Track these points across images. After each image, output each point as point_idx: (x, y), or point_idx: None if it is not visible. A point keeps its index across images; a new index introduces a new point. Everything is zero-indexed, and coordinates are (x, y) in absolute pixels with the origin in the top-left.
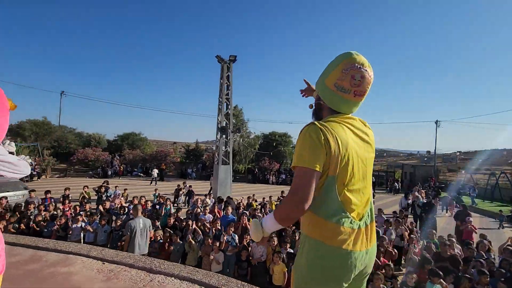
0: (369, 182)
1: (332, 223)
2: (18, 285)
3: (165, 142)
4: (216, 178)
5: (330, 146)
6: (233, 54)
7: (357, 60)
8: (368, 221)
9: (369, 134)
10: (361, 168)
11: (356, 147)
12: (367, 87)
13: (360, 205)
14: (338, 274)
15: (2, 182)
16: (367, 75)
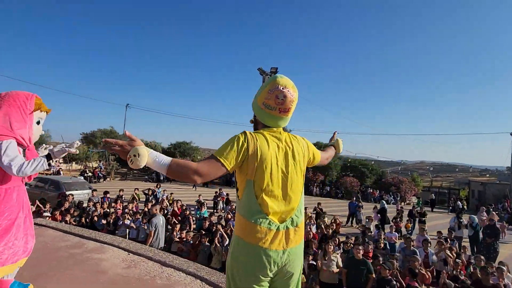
0: (295, 192)
1: (250, 222)
2: (60, 264)
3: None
4: None
5: (248, 153)
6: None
7: (280, 83)
8: (290, 226)
9: (296, 147)
10: (280, 177)
11: (276, 158)
12: (290, 105)
13: (280, 209)
14: (254, 268)
15: (73, 182)
16: (289, 95)
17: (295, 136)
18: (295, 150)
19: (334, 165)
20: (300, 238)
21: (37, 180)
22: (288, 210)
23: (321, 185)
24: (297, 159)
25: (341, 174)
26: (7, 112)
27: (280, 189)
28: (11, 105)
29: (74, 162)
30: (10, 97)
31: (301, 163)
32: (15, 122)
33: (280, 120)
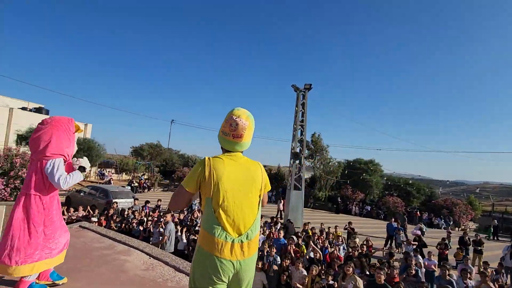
0: (250, 208)
1: (208, 233)
2: (92, 262)
3: None
4: (288, 203)
5: (205, 175)
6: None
7: (235, 113)
8: (245, 239)
9: (253, 169)
10: (236, 195)
11: (231, 178)
12: (242, 131)
13: (236, 223)
14: (210, 273)
15: (119, 191)
16: (241, 123)
17: (252, 161)
18: (252, 172)
19: (375, 183)
20: (253, 251)
21: (90, 188)
22: (243, 225)
23: (361, 204)
24: (253, 180)
25: (383, 193)
26: (57, 136)
27: (235, 205)
28: (58, 129)
29: (124, 173)
30: (57, 122)
31: (256, 184)
32: (64, 142)
33: (235, 145)
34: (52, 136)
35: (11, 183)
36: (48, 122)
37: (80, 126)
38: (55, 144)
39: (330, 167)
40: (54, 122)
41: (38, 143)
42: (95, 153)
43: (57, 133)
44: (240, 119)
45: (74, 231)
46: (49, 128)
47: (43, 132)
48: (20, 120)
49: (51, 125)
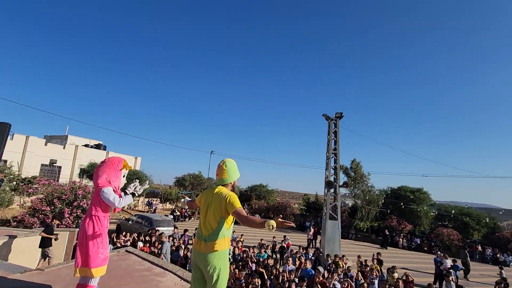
0: (209, 221)
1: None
2: (133, 281)
3: (296, 193)
4: (324, 234)
5: (200, 198)
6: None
7: (220, 163)
8: (203, 240)
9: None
10: (203, 212)
11: (204, 201)
12: (217, 172)
13: (201, 229)
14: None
15: (162, 219)
16: (218, 167)
17: (223, 191)
18: (216, 198)
19: (424, 212)
20: (206, 249)
21: (137, 216)
22: (204, 230)
23: (409, 236)
24: (213, 203)
25: (435, 224)
26: (108, 172)
27: (202, 218)
28: (110, 167)
29: (168, 202)
30: (110, 161)
31: (216, 205)
32: (112, 178)
33: (217, 181)
34: (104, 172)
35: (74, 212)
36: (105, 161)
37: (129, 163)
38: (105, 178)
39: (371, 196)
40: (108, 162)
41: (96, 177)
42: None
43: (108, 170)
44: (219, 165)
45: (121, 254)
46: (104, 166)
47: (100, 169)
48: (83, 156)
49: (106, 164)
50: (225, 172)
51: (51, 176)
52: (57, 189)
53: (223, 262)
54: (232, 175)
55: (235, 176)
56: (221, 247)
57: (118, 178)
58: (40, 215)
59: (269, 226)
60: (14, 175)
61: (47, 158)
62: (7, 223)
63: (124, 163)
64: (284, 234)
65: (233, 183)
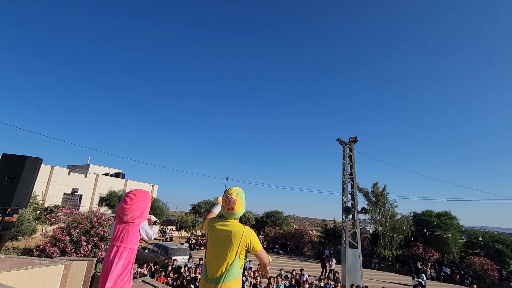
0: (221, 261)
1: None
2: None
3: (314, 219)
4: (344, 264)
5: (207, 227)
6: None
7: (227, 192)
8: (215, 283)
9: (234, 232)
10: (212, 251)
11: (214, 238)
12: (233, 205)
13: (211, 270)
14: None
15: (177, 248)
16: (231, 199)
17: (239, 226)
18: (232, 234)
19: (452, 239)
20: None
21: (153, 245)
22: (215, 272)
23: (437, 266)
24: (229, 241)
25: (465, 252)
26: (147, 208)
27: (213, 257)
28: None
29: (184, 230)
30: (145, 196)
31: (233, 244)
32: (148, 211)
33: (228, 214)
34: (144, 206)
35: (92, 241)
36: (138, 195)
37: (152, 195)
38: (146, 212)
39: (395, 223)
40: (143, 196)
41: (135, 210)
42: (159, 211)
43: (145, 203)
44: (231, 197)
45: (138, 285)
46: (141, 200)
47: (140, 203)
48: (103, 184)
49: (142, 198)
50: (239, 204)
51: (72, 205)
52: (77, 219)
53: None
54: (244, 207)
55: (244, 210)
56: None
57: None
58: (61, 244)
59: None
60: (38, 204)
61: (69, 187)
62: (30, 252)
63: (151, 196)
64: (302, 266)
65: (238, 218)
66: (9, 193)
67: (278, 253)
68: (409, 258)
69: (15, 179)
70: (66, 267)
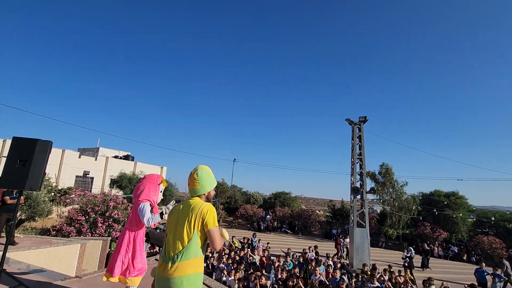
0: (181, 240)
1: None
2: None
3: (321, 200)
4: (352, 243)
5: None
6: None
7: (191, 171)
8: (171, 262)
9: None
10: (172, 228)
11: (174, 216)
12: (189, 182)
13: (169, 249)
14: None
15: None
16: (189, 178)
17: (199, 202)
18: (190, 212)
19: (461, 219)
20: (174, 273)
21: (164, 225)
22: (173, 250)
23: (444, 245)
24: (187, 219)
25: (474, 231)
26: (148, 186)
27: (171, 236)
28: (150, 182)
29: None
30: (150, 178)
31: (188, 218)
32: (151, 193)
33: (190, 192)
34: (145, 187)
35: (106, 222)
36: (145, 177)
37: (155, 172)
38: (145, 193)
39: (403, 203)
40: (148, 177)
41: (136, 191)
42: (168, 192)
43: (148, 184)
44: (190, 175)
45: (151, 263)
46: (145, 181)
47: (141, 184)
48: (113, 167)
49: (147, 180)
50: (196, 182)
51: (85, 187)
52: (91, 200)
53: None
54: (206, 185)
55: (210, 186)
56: (194, 269)
57: (157, 193)
58: (76, 224)
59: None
60: (52, 186)
61: (81, 170)
62: (47, 232)
63: (162, 179)
64: (310, 245)
65: (207, 194)
66: (22, 176)
67: (286, 233)
68: (416, 237)
69: (27, 162)
70: (82, 246)
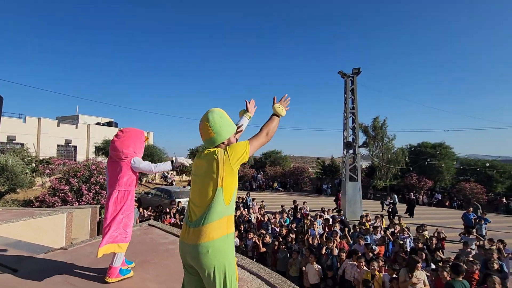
0: (204, 199)
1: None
2: (159, 255)
3: (309, 158)
4: (344, 196)
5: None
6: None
7: (201, 118)
8: (193, 226)
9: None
10: (194, 186)
11: (194, 172)
12: (201, 132)
13: (192, 211)
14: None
15: (180, 191)
16: (200, 127)
17: (217, 150)
18: (206, 162)
19: (446, 168)
20: (197, 239)
21: (156, 190)
22: (195, 213)
23: (429, 193)
24: (207, 172)
25: (457, 179)
26: (135, 142)
27: (194, 195)
28: (134, 138)
29: (185, 174)
30: (132, 132)
31: (209, 172)
32: (138, 147)
33: (205, 144)
34: (132, 141)
35: (93, 189)
36: (126, 131)
37: (147, 138)
38: (134, 148)
39: (392, 155)
40: (129, 132)
41: (119, 148)
42: (156, 157)
43: (135, 139)
44: (199, 124)
45: (144, 228)
46: (128, 135)
47: (123, 140)
48: (96, 134)
49: (128, 134)
50: (210, 130)
51: (68, 156)
52: (73, 168)
53: (225, 255)
54: (222, 131)
55: (228, 132)
56: (220, 232)
57: (142, 150)
58: (60, 194)
59: (280, 109)
60: (31, 157)
61: (61, 139)
62: (30, 203)
63: (145, 135)
64: (303, 199)
65: (226, 141)
66: None
67: (278, 190)
68: (403, 188)
69: None
70: (68, 215)
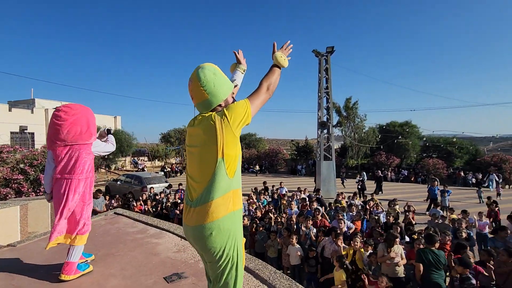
0: (203, 174)
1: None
2: (126, 246)
3: (283, 140)
4: (319, 175)
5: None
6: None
7: (190, 77)
8: (193, 205)
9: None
10: (190, 159)
11: (189, 140)
12: (190, 93)
13: (192, 187)
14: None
15: (152, 177)
16: (189, 86)
17: (212, 114)
18: (201, 131)
19: (411, 145)
20: (199, 220)
21: (126, 176)
22: (194, 190)
23: (397, 169)
24: (201, 140)
25: (421, 156)
26: (92, 124)
27: (190, 172)
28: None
29: (157, 159)
30: (84, 111)
31: (206, 142)
32: (95, 130)
33: (197, 108)
34: (88, 122)
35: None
36: (74, 109)
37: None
38: (93, 129)
39: (364, 135)
40: (81, 110)
41: (79, 129)
42: (125, 143)
43: (89, 119)
44: (188, 83)
45: (109, 218)
46: (80, 115)
47: (79, 118)
48: None
49: (81, 113)
50: (202, 91)
51: (24, 144)
52: (27, 156)
53: (232, 235)
54: (218, 91)
55: (224, 91)
56: (226, 210)
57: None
58: (14, 185)
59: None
60: None
61: (15, 125)
62: None
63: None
64: (280, 180)
65: (223, 103)
66: None
67: (253, 173)
68: (373, 165)
69: None
70: (22, 207)
